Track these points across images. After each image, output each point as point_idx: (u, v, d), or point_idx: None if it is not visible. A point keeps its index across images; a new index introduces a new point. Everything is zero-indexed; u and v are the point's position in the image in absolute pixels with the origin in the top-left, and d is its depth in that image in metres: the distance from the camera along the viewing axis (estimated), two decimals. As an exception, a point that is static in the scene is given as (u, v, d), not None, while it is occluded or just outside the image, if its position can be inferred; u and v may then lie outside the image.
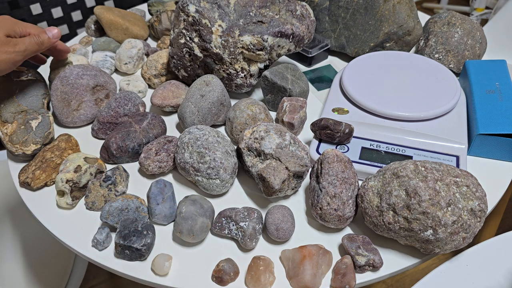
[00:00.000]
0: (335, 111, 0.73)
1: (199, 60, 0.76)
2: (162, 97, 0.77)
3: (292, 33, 0.74)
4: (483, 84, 0.74)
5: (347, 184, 0.57)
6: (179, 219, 0.57)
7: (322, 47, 0.89)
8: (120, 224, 0.58)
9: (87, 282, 1.32)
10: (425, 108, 0.70)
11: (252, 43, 0.73)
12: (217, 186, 0.62)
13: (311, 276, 0.52)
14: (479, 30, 0.85)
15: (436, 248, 0.53)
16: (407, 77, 0.76)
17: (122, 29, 0.94)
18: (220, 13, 0.74)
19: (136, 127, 0.70)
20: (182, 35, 0.76)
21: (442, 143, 0.67)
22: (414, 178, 0.52)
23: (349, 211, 0.56)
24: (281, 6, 0.76)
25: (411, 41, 0.85)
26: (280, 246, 0.58)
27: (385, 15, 0.83)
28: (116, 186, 0.63)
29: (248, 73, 0.76)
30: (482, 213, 0.52)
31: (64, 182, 0.61)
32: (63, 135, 0.71)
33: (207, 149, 0.61)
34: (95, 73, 0.77)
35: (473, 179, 0.53)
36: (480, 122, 0.67)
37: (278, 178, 0.58)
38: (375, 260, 0.53)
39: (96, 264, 0.58)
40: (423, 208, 0.50)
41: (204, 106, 0.70)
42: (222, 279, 0.53)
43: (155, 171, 0.66)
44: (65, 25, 1.66)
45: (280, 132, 0.62)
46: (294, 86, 0.74)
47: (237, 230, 0.57)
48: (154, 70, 0.84)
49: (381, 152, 0.67)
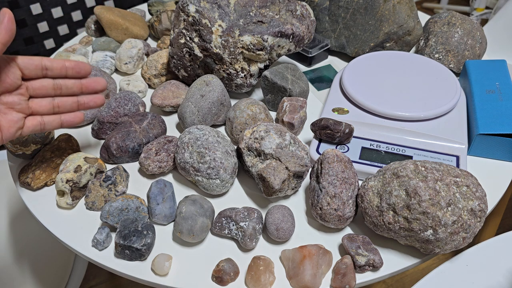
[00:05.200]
0: (335, 111, 0.73)
1: (199, 60, 0.76)
2: (162, 97, 0.77)
3: (292, 33, 0.74)
4: (483, 84, 0.74)
5: (347, 184, 0.57)
6: (179, 219, 0.57)
7: (322, 47, 0.89)
8: (120, 224, 0.58)
9: (87, 282, 1.32)
10: (425, 108, 0.70)
11: (252, 43, 0.73)
12: (217, 186, 0.62)
13: (311, 276, 0.52)
14: (479, 30, 0.85)
15: (436, 248, 0.53)
16: (407, 77, 0.76)
17: (122, 29, 0.94)
18: (220, 13, 0.74)
19: (136, 127, 0.70)
20: (182, 35, 0.76)
21: (442, 143, 0.67)
22: (414, 178, 0.52)
23: (349, 211, 0.56)
24: (281, 6, 0.76)
25: (411, 41, 0.85)
26: (280, 246, 0.58)
27: (385, 15, 0.83)
28: (116, 186, 0.63)
29: (248, 73, 0.76)
30: (482, 213, 0.52)
31: (64, 182, 0.61)
32: (63, 135, 0.71)
33: (207, 149, 0.61)
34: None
35: (473, 179, 0.53)
36: (480, 122, 0.67)
37: (278, 178, 0.58)
38: (375, 260, 0.54)
39: (96, 264, 0.58)
40: (423, 208, 0.50)
41: (204, 106, 0.70)
42: (222, 279, 0.53)
43: (155, 171, 0.66)
44: (65, 25, 1.66)
45: (280, 132, 0.62)
46: (294, 86, 0.74)
47: (237, 230, 0.57)
48: (154, 70, 0.84)
49: (381, 152, 0.67)
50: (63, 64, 0.56)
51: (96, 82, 0.59)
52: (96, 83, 0.59)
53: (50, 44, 1.67)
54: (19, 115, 0.54)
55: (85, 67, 0.57)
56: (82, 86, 0.58)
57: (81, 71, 0.57)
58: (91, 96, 0.59)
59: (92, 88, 0.59)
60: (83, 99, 0.59)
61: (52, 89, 0.56)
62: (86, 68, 0.57)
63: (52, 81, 0.56)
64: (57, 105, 0.57)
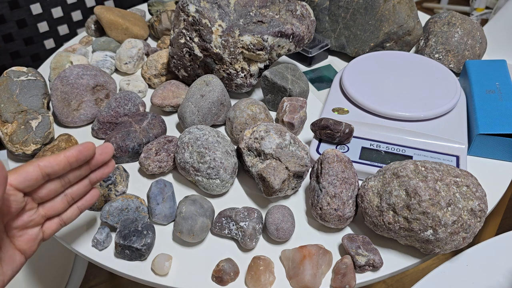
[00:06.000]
0: (335, 111, 0.73)
1: (199, 60, 0.76)
2: (162, 97, 0.77)
3: (292, 33, 0.74)
4: (483, 84, 0.74)
5: (347, 184, 0.57)
6: (179, 219, 0.57)
7: (322, 47, 0.89)
8: (120, 224, 0.58)
9: (87, 282, 1.32)
10: (425, 108, 0.70)
11: (252, 43, 0.73)
12: (217, 186, 0.62)
13: (311, 276, 0.52)
14: (479, 30, 0.85)
15: (436, 248, 0.53)
16: (407, 77, 0.76)
17: (122, 29, 0.94)
18: (220, 13, 0.74)
19: (136, 127, 0.70)
20: (182, 35, 0.76)
21: (442, 143, 0.67)
22: (414, 178, 0.52)
23: (349, 211, 0.56)
24: (281, 6, 0.76)
25: (411, 41, 0.85)
26: (280, 246, 0.58)
27: (385, 15, 0.83)
28: (116, 186, 0.63)
29: (248, 73, 0.76)
30: (482, 213, 0.52)
31: (64, 182, 0.61)
32: (63, 135, 0.71)
33: (207, 149, 0.61)
34: (95, 73, 0.77)
35: (473, 179, 0.53)
36: (480, 122, 0.67)
37: (278, 178, 0.58)
38: (375, 260, 0.53)
39: (96, 264, 0.58)
40: (423, 208, 0.50)
41: (204, 106, 0.70)
42: (222, 279, 0.53)
43: (155, 171, 0.66)
44: (65, 25, 1.66)
45: (280, 132, 0.62)
46: (294, 86, 0.74)
47: (237, 230, 0.57)
48: (154, 70, 0.84)
49: (381, 152, 0.67)
50: (65, 162, 0.47)
51: (103, 155, 0.51)
52: (104, 156, 0.51)
53: (50, 44, 1.67)
54: (35, 229, 0.48)
55: (88, 151, 0.49)
56: (90, 167, 0.51)
57: (86, 158, 0.49)
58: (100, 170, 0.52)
59: (101, 162, 0.51)
60: (94, 177, 0.52)
61: (61, 187, 0.49)
62: (89, 151, 0.49)
63: (59, 181, 0.48)
64: (71, 198, 0.51)
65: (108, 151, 0.51)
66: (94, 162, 0.50)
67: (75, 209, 0.52)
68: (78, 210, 0.52)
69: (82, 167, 0.50)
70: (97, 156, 0.50)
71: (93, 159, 0.50)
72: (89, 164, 0.50)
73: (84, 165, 0.50)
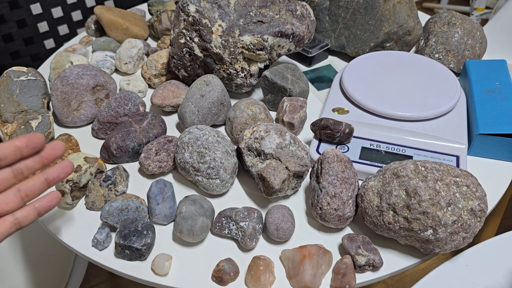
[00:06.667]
0: (335, 111, 0.73)
1: (199, 60, 0.76)
2: (162, 97, 0.77)
3: (292, 33, 0.74)
4: (483, 84, 0.74)
5: (347, 184, 0.57)
6: (179, 219, 0.57)
7: (322, 47, 0.89)
8: (120, 224, 0.58)
9: (87, 282, 1.32)
10: (425, 108, 0.70)
11: (252, 43, 0.73)
12: (217, 186, 0.62)
13: (311, 276, 0.52)
14: (479, 30, 0.85)
15: (436, 248, 0.53)
16: (407, 77, 0.76)
17: (122, 29, 0.94)
18: (220, 13, 0.74)
19: (136, 127, 0.70)
20: (182, 35, 0.76)
21: (442, 143, 0.67)
22: (414, 178, 0.52)
23: (349, 211, 0.56)
24: (281, 6, 0.76)
25: (411, 41, 0.85)
26: (280, 246, 0.58)
27: (385, 15, 0.83)
28: (116, 186, 0.63)
29: (248, 73, 0.76)
30: (482, 213, 0.52)
31: (64, 182, 0.61)
32: (63, 135, 0.71)
33: (207, 149, 0.61)
34: (95, 73, 0.77)
35: (473, 179, 0.53)
36: (480, 122, 0.67)
37: (278, 178, 0.58)
38: (375, 260, 0.53)
39: (96, 264, 0.58)
40: (423, 208, 0.50)
41: (204, 106, 0.70)
42: (222, 279, 0.53)
43: (155, 171, 0.66)
44: (65, 25, 1.66)
45: (280, 132, 0.62)
46: (294, 86, 0.74)
47: (237, 230, 0.57)
48: (154, 70, 0.84)
49: (381, 152, 0.67)
50: (14, 146, 0.46)
51: (55, 149, 0.49)
52: (56, 150, 0.49)
53: (50, 44, 1.67)
54: None
55: (38, 139, 0.48)
56: (43, 160, 0.49)
57: (36, 145, 0.47)
58: (58, 167, 0.50)
59: (53, 157, 0.49)
60: (51, 174, 0.49)
61: (13, 178, 0.46)
62: (39, 139, 0.48)
63: (10, 169, 0.46)
64: (25, 194, 0.47)
65: (59, 146, 0.49)
66: (46, 155, 0.49)
67: (32, 209, 0.48)
68: (35, 212, 0.48)
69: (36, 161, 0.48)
70: (49, 150, 0.49)
71: (43, 151, 0.48)
72: (40, 156, 0.48)
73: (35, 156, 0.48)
